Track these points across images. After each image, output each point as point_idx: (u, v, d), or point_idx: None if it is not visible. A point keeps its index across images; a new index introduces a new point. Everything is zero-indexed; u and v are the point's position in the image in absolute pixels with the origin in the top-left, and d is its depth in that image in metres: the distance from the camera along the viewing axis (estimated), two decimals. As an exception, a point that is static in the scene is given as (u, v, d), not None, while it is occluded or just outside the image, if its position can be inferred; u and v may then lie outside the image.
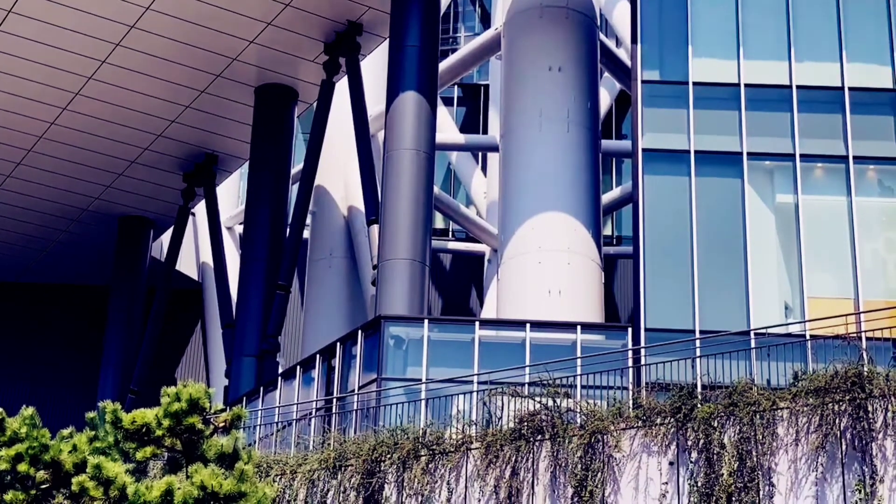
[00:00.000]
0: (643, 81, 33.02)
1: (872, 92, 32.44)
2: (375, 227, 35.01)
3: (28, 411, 21.21)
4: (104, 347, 47.96)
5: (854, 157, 31.76)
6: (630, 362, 29.63)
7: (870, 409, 25.17)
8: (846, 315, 29.14)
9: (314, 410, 31.54)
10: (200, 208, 48.70)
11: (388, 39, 37.02)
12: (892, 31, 33.14)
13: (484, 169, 50.96)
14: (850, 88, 32.44)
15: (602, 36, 41.96)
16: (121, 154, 44.53)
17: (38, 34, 38.26)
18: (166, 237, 49.85)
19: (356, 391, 30.57)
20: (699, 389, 27.11)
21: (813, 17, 33.47)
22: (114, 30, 38.20)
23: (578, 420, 26.78)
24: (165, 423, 20.81)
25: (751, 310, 30.19)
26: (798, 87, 32.59)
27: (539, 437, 26.60)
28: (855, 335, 28.10)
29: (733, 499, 25.04)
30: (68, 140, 43.46)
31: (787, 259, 31.27)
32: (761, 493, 25.00)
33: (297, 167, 44.07)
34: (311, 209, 45.30)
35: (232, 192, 52.48)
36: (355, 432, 29.15)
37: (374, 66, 43.59)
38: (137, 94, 41.24)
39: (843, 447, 25.06)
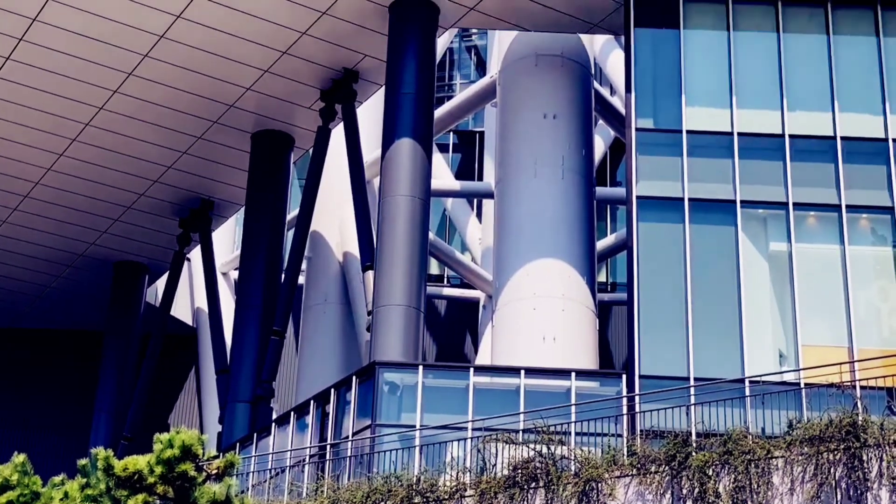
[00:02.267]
0: (637, 129, 33.22)
1: (864, 141, 32.67)
2: (370, 273, 35.04)
3: (19, 458, 21.13)
4: (97, 393, 47.82)
5: (847, 206, 31.92)
6: (624, 409, 29.58)
7: (865, 458, 25.13)
8: (840, 364, 29.15)
9: (308, 457, 31.43)
10: (196, 254, 48.72)
11: (384, 86, 37.21)
12: (884, 81, 33.41)
13: (479, 215, 51.09)
14: (842, 138, 32.67)
15: (596, 84, 42.22)
16: (117, 200, 44.62)
17: (35, 80, 38.46)
18: (161, 282, 49.83)
19: (350, 437, 30.48)
20: (694, 437, 27.06)
21: (805, 67, 33.76)
22: (111, 76, 38.41)
23: (573, 467, 26.71)
24: (158, 470, 20.72)
25: (745, 357, 30.20)
26: (791, 136, 32.81)
27: (533, 484, 26.51)
28: (849, 384, 28.09)
29: (728, 548, 24.93)
30: (65, 186, 43.56)
31: (781, 307, 31.32)
32: (756, 541, 24.90)
33: (292, 213, 44.17)
34: (307, 255, 45.33)
35: (227, 238, 52.54)
36: (349, 479, 29.04)
37: (370, 112, 43.80)
38: (134, 139, 41.40)
39: (839, 497, 25.00)
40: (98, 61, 37.71)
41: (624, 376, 30.80)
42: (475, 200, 51.74)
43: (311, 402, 32.72)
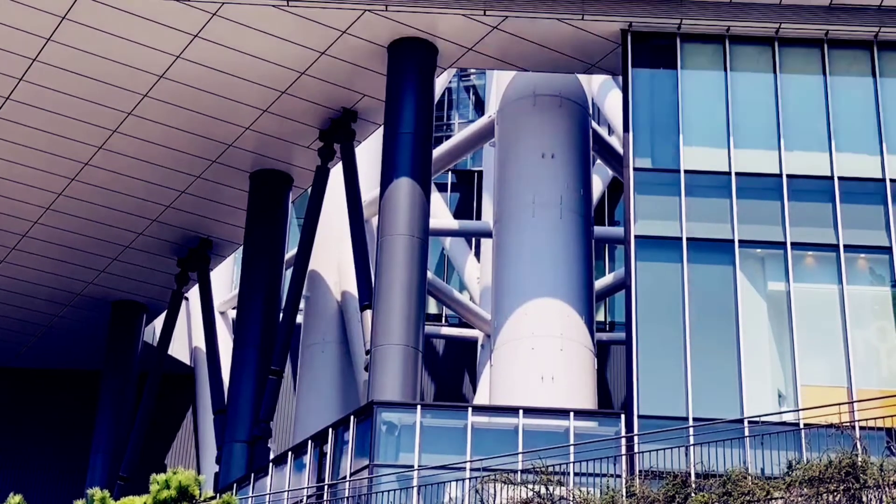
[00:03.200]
0: (635, 169, 33.31)
1: (862, 181, 32.77)
2: (369, 313, 34.99)
3: (16, 499, 21.04)
4: (94, 433, 47.63)
5: (845, 246, 31.98)
6: (623, 450, 29.48)
7: (865, 499, 25.03)
8: (840, 404, 29.08)
9: (306, 497, 31.27)
10: (194, 293, 48.66)
11: (382, 126, 37.31)
12: (881, 121, 33.56)
13: (477, 255, 51.10)
14: (839, 178, 32.78)
15: (594, 124, 42.35)
16: (115, 239, 44.63)
17: (34, 120, 38.56)
18: (159, 322, 49.75)
19: (348, 478, 30.33)
20: (693, 478, 26.95)
21: (802, 107, 33.91)
22: (111, 116, 38.51)
23: (571, 508, 26.56)
24: (155, 510, 20.63)
25: (744, 397, 30.13)
26: (788, 175, 32.91)
27: (532, 525, 26.37)
28: (849, 424, 28.02)
29: (728, 589, 24.78)
30: (63, 225, 43.58)
31: (780, 347, 31.29)
32: (756, 583, 24.75)
33: (290, 252, 44.17)
34: (305, 294, 45.29)
35: (225, 277, 52.50)
36: (347, 520, 28.88)
37: (369, 151, 43.90)
38: (133, 179, 41.45)
39: (838, 537, 24.86)
40: (97, 101, 37.83)
41: (623, 416, 30.72)
42: (473, 240, 51.77)
43: (309, 441, 32.60)
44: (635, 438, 29.48)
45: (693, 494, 25.86)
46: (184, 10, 34.39)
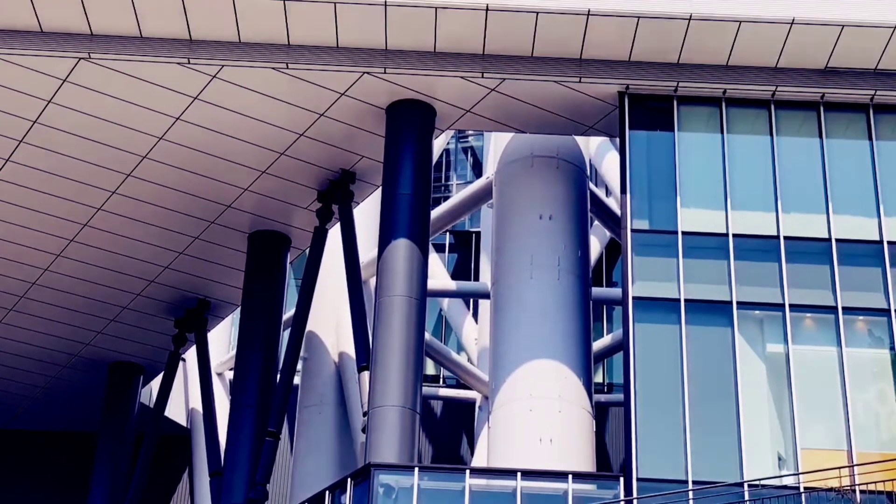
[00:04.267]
0: (633, 230, 33.37)
1: (859, 244, 32.84)
2: (366, 374, 34.89)
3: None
4: (90, 495, 47.28)
5: (843, 308, 31.96)
6: (622, 513, 29.29)
7: (866, 563, 24.81)
8: (840, 468, 28.93)
9: (302, 561, 31.01)
10: (191, 354, 48.55)
11: (381, 187, 37.43)
12: (877, 183, 33.70)
13: (475, 316, 51.05)
14: (837, 240, 32.85)
15: (592, 185, 42.49)
16: (113, 300, 44.58)
17: (34, 181, 38.66)
18: (156, 383, 49.57)
19: (345, 542, 30.10)
20: (693, 542, 26.76)
21: (799, 170, 34.07)
22: (110, 178, 38.62)
23: (570, 573, 26.36)
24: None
25: (744, 460, 29.98)
26: (786, 237, 32.97)
27: (530, 590, 26.13)
28: (849, 488, 27.86)
29: None
30: (61, 286, 43.54)
31: (780, 409, 31.18)
32: None
33: (288, 313, 44.11)
34: (302, 355, 45.19)
35: (223, 338, 52.40)
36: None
37: (367, 212, 44.00)
38: (131, 240, 41.49)
39: None
40: (96, 162, 37.96)
41: (621, 479, 30.53)
42: (471, 301, 51.74)
43: (306, 504, 32.38)
44: (634, 502, 29.29)
45: (693, 559, 25.64)
46: (184, 72, 34.63)
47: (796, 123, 34.90)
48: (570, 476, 30.74)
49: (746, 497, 28.72)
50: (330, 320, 45.93)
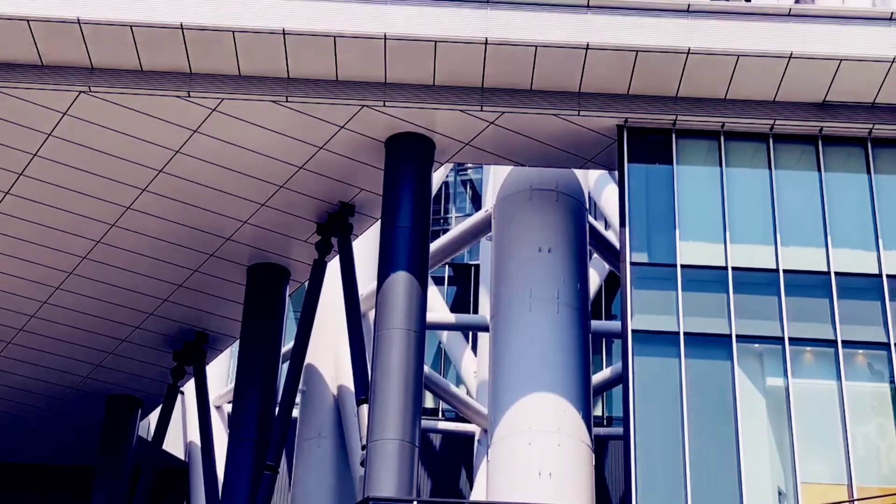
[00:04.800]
0: (632, 263, 33.37)
1: (858, 277, 32.84)
2: (365, 407, 34.80)
3: None
4: (87, 529, 47.13)
5: (843, 342, 31.92)
6: (622, 547, 29.17)
7: None
8: (840, 502, 28.81)
9: None
10: (189, 387, 48.44)
11: (380, 220, 37.45)
12: (876, 216, 33.73)
13: (474, 348, 50.98)
14: (836, 273, 32.84)
15: (591, 218, 42.52)
16: (111, 333, 44.52)
17: (33, 214, 38.67)
18: (154, 416, 49.42)
19: (343, 576, 29.95)
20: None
21: (798, 203, 34.11)
22: (109, 210, 38.64)
23: None
24: None
25: (744, 494, 29.86)
26: (785, 271, 32.97)
27: None
28: (849, 522, 27.77)
29: None
30: (60, 319, 43.48)
31: (780, 443, 31.09)
32: None
33: (287, 345, 44.05)
34: (301, 388, 45.09)
35: (221, 371, 52.30)
36: None
37: (366, 244, 44.01)
38: (131, 272, 41.47)
39: None
40: (96, 195, 37.99)
41: (621, 513, 30.43)
42: (470, 333, 51.69)
43: (304, 539, 32.22)
44: (634, 536, 29.17)
45: None
46: (183, 105, 34.71)
47: (795, 157, 34.98)
48: (570, 510, 30.59)
49: (747, 531, 28.61)
50: (329, 353, 45.86)
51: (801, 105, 34.85)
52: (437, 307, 48.91)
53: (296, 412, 45.55)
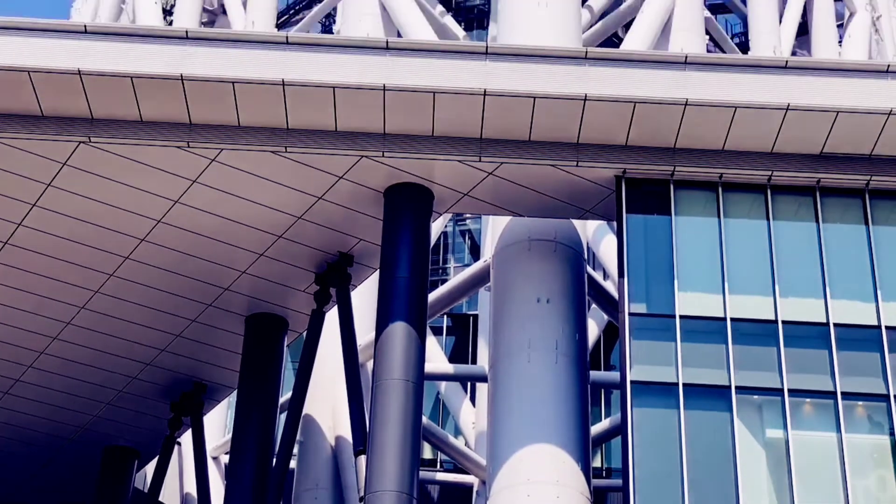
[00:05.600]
0: (630, 314, 33.34)
1: (857, 328, 32.80)
2: (363, 458, 34.65)
3: None
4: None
5: (842, 393, 31.84)
6: None
7: None
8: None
9: None
10: (186, 437, 48.20)
11: (378, 270, 37.44)
12: (874, 268, 33.73)
13: (472, 399, 50.85)
14: (835, 325, 32.81)
15: (589, 268, 42.52)
16: (109, 383, 44.35)
17: (31, 265, 38.62)
18: (150, 466, 49.15)
19: None
20: None
21: (796, 254, 34.13)
22: (107, 260, 38.62)
23: None
24: None
25: (744, 547, 29.69)
26: (784, 322, 32.93)
27: None
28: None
29: None
30: (57, 369, 43.33)
31: (780, 495, 30.91)
32: None
33: (285, 396, 43.90)
34: (299, 438, 44.89)
35: (219, 421, 52.10)
36: None
37: (365, 294, 43.97)
38: (128, 323, 41.40)
39: None
40: (94, 245, 37.98)
41: (620, 566, 30.20)
42: (469, 384, 51.55)
43: (301, 592, 31.96)
44: (634, 589, 28.94)
45: None
46: (183, 155, 34.79)
47: (793, 208, 35.03)
48: (569, 563, 30.37)
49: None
50: (327, 404, 45.72)
51: (798, 156, 34.94)
52: (436, 357, 48.81)
53: (293, 463, 45.33)
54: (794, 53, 61.74)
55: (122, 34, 33.75)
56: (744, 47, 64.10)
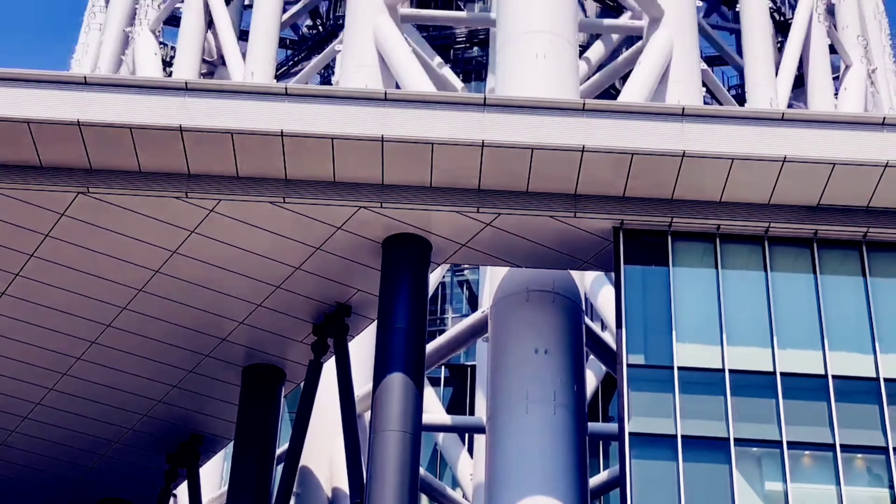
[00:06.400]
0: (629, 365, 33.28)
1: (856, 381, 32.72)
2: (360, 511, 34.44)
3: None
4: None
5: (842, 446, 31.70)
6: None
7: None
8: None
9: None
10: (182, 489, 47.89)
11: (376, 320, 37.38)
12: (872, 320, 33.69)
13: (470, 450, 50.62)
14: (833, 376, 32.73)
15: (587, 319, 42.47)
16: (105, 435, 44.12)
17: (29, 315, 38.54)
18: (146, 518, 48.83)
19: None
20: None
21: (794, 305, 34.11)
22: (105, 311, 38.55)
23: None
24: None
25: None
26: (782, 373, 32.86)
27: None
28: None
29: None
30: (52, 421, 43.11)
31: (780, 548, 30.76)
32: None
33: (282, 447, 43.68)
34: (295, 490, 44.59)
35: (215, 473, 51.79)
36: None
37: (362, 344, 43.86)
38: (125, 373, 41.26)
39: None
40: (92, 296, 37.92)
41: None
42: (467, 435, 51.32)
43: None
44: None
45: None
46: (181, 206, 34.81)
47: (790, 259, 35.03)
48: None
49: None
50: (324, 455, 45.45)
51: (795, 208, 34.99)
52: (433, 408, 48.64)
53: (290, 515, 45.00)
54: (790, 105, 62.06)
55: (122, 85, 33.89)
56: (740, 99, 64.44)
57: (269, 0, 63.19)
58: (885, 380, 32.61)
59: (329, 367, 41.19)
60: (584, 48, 62.91)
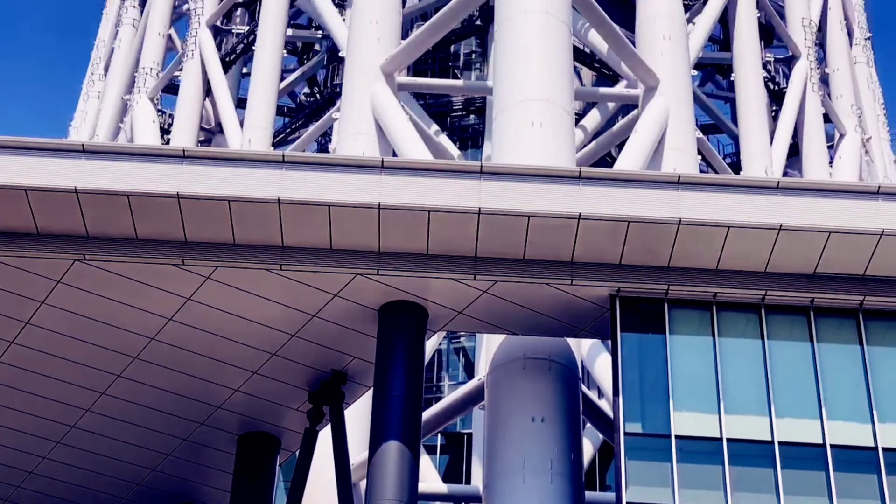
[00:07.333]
0: (626, 434, 33.10)
1: (854, 450, 32.53)
2: (355, 581, 34.08)
3: None
4: None
5: (841, 516, 31.49)
6: None
7: None
8: None
9: None
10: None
11: (372, 388, 37.21)
12: (870, 389, 33.58)
13: (467, 519, 50.16)
14: (832, 446, 32.54)
15: (584, 387, 42.32)
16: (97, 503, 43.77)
17: (23, 383, 38.26)
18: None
19: None
20: None
21: (791, 374, 34.00)
22: (100, 378, 38.37)
23: None
24: None
25: None
26: (780, 443, 32.68)
27: None
28: None
29: None
30: (45, 489, 42.73)
31: None
32: None
33: (276, 516, 43.30)
34: (290, 560, 44.12)
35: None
36: None
37: (358, 411, 43.62)
38: (119, 442, 40.97)
39: None
40: (87, 363, 37.75)
41: None
42: (463, 504, 50.92)
43: None
44: None
45: None
46: (177, 273, 34.78)
47: (787, 327, 34.99)
48: None
49: None
50: (319, 524, 45.01)
51: (792, 276, 34.99)
52: (430, 477, 48.30)
53: (284, 585, 44.51)
54: (785, 174, 62.36)
55: (120, 153, 33.99)
56: (736, 167, 64.73)
57: (267, 68, 63.69)
58: (884, 449, 32.43)
59: (325, 435, 40.94)
60: (580, 116, 63.32)
